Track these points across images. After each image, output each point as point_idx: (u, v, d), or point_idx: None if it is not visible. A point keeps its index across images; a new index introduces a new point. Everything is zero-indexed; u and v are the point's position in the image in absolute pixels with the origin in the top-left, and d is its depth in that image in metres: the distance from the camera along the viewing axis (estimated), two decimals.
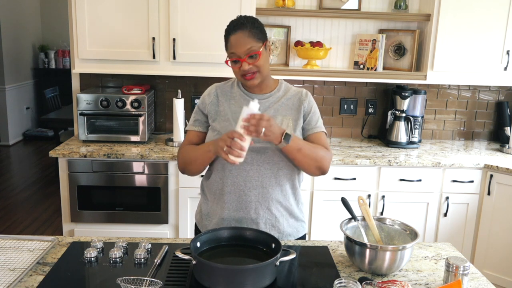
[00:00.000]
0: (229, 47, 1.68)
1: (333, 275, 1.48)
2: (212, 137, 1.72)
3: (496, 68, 3.12)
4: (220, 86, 1.83)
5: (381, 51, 3.15)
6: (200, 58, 2.96)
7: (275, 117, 1.71)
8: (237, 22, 1.68)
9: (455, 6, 3.01)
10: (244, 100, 1.75)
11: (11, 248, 1.59)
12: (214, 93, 1.80)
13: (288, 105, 1.75)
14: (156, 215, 2.92)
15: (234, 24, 1.68)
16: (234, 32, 1.66)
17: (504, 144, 3.33)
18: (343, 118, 3.50)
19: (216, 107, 1.77)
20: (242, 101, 1.75)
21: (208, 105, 1.78)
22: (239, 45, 1.64)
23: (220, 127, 1.72)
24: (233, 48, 1.66)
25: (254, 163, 1.68)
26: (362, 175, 2.94)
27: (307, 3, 3.25)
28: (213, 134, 1.73)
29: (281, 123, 1.71)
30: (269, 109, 1.73)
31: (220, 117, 1.74)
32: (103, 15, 2.89)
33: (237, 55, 1.65)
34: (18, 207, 4.57)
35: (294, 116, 1.74)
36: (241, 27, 1.66)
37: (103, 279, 1.42)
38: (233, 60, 1.68)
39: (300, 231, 1.82)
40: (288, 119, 1.72)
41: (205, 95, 1.82)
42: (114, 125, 3.08)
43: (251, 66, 1.65)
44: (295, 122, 1.73)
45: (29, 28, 7.29)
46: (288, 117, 1.73)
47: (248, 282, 1.33)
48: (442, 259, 1.65)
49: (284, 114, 1.73)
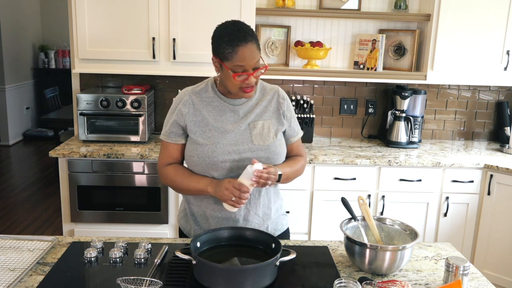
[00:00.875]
0: (236, 59, 1.55)
1: (333, 275, 1.48)
2: (194, 150, 1.67)
3: (496, 68, 3.12)
4: (193, 92, 1.72)
5: (381, 51, 3.15)
6: (200, 58, 2.96)
7: (256, 122, 1.69)
8: (243, 31, 1.56)
9: (455, 6, 3.01)
10: (223, 107, 1.68)
11: (11, 248, 1.59)
12: (189, 101, 1.70)
13: (268, 108, 1.73)
14: (156, 215, 2.92)
15: (242, 33, 1.55)
16: (244, 43, 1.54)
17: (504, 144, 3.33)
18: (343, 118, 3.50)
19: (194, 117, 1.69)
20: (221, 108, 1.69)
21: (185, 116, 1.69)
22: (250, 57, 1.55)
23: (203, 139, 1.66)
24: (243, 61, 1.54)
25: (240, 172, 1.64)
26: (362, 175, 2.94)
27: (307, 3, 3.25)
28: (195, 147, 1.67)
29: (262, 128, 1.69)
30: (250, 114, 1.70)
31: (200, 128, 1.68)
32: (103, 15, 2.89)
33: (244, 68, 1.56)
34: (18, 207, 4.57)
35: (274, 120, 1.72)
36: (249, 39, 1.55)
37: (103, 279, 1.42)
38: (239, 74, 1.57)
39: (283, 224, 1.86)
40: (268, 123, 1.71)
41: (180, 105, 1.70)
42: (114, 125, 3.08)
43: (255, 79, 1.60)
44: (275, 126, 1.72)
45: (29, 28, 7.29)
46: (268, 121, 1.71)
47: (248, 282, 1.33)
48: (442, 259, 1.65)
49: (264, 119, 1.71)
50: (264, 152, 1.68)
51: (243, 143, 1.67)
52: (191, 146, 1.70)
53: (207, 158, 1.65)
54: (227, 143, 1.66)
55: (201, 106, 1.70)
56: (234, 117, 1.69)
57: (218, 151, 1.65)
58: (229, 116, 1.69)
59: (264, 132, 1.69)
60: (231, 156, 1.65)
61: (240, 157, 1.66)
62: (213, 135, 1.67)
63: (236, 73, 1.57)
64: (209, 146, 1.65)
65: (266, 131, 1.69)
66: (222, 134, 1.67)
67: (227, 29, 1.58)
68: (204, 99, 1.71)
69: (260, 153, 1.67)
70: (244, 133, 1.68)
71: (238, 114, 1.69)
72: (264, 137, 1.68)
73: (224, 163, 1.65)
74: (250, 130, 1.68)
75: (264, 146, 1.68)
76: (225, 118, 1.69)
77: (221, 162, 1.64)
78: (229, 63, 1.57)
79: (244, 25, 1.60)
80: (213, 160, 1.65)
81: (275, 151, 1.69)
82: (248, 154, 1.66)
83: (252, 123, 1.69)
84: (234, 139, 1.67)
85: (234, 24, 1.59)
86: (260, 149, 1.67)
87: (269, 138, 1.69)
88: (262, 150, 1.67)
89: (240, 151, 1.66)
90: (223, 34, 1.58)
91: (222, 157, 1.65)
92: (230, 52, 1.55)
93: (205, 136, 1.67)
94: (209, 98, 1.71)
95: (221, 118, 1.69)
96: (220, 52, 1.58)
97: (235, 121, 1.69)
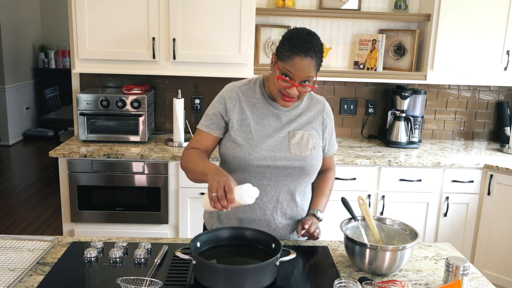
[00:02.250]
0: (289, 64, 1.53)
1: (333, 275, 1.48)
2: (231, 149, 1.66)
3: (496, 68, 3.12)
4: (241, 88, 1.71)
5: (381, 51, 3.15)
6: (200, 58, 2.96)
7: (297, 131, 1.68)
8: (310, 45, 1.53)
9: (455, 6, 3.01)
10: (267, 110, 1.69)
11: (11, 248, 1.59)
12: (236, 98, 1.69)
13: (312, 120, 1.72)
14: (156, 215, 2.92)
15: (306, 47, 1.53)
16: (303, 55, 1.52)
17: (504, 144, 3.33)
18: (343, 118, 3.50)
19: (238, 115, 1.68)
20: (265, 111, 1.69)
21: (230, 112, 1.68)
22: (302, 71, 1.53)
23: (242, 140, 1.66)
24: (294, 70, 1.53)
25: (273, 178, 1.67)
26: (362, 175, 2.94)
27: (307, 3, 3.25)
28: (233, 146, 1.67)
29: (302, 138, 1.68)
30: (292, 123, 1.69)
31: (241, 127, 1.68)
32: (103, 15, 2.89)
33: (292, 77, 1.55)
34: (18, 207, 4.57)
35: (315, 133, 1.72)
36: (311, 54, 1.53)
37: (103, 279, 1.42)
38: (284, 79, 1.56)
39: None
40: (308, 134, 1.70)
41: (226, 98, 1.70)
42: (114, 125, 3.08)
43: (297, 92, 1.58)
44: (315, 140, 1.71)
45: (29, 28, 7.29)
46: (308, 132, 1.70)
47: (248, 282, 1.33)
48: (442, 259, 1.65)
49: (305, 130, 1.70)
50: (299, 163, 1.66)
51: (280, 151, 1.65)
52: (229, 143, 1.68)
53: (242, 160, 1.65)
54: (265, 148, 1.65)
55: (246, 104, 1.69)
56: (276, 123, 1.68)
57: (254, 155, 1.64)
58: (271, 121, 1.68)
59: (302, 143, 1.68)
60: (266, 161, 1.64)
61: (275, 164, 1.65)
62: (253, 137, 1.66)
63: (281, 76, 1.56)
64: (246, 148, 1.65)
65: (305, 142, 1.68)
66: (261, 139, 1.66)
67: (298, 35, 1.56)
68: (250, 99, 1.70)
69: (295, 163, 1.66)
70: (282, 141, 1.67)
71: (280, 120, 1.69)
72: (302, 148, 1.67)
73: (258, 167, 1.64)
74: (289, 138, 1.67)
75: (300, 157, 1.66)
76: (267, 122, 1.68)
77: (255, 167, 1.64)
78: (281, 64, 1.56)
79: (317, 40, 1.57)
80: (248, 163, 1.64)
81: (310, 164, 1.68)
82: (284, 162, 1.65)
83: (292, 131, 1.68)
84: (272, 145, 1.66)
85: (308, 35, 1.56)
86: (296, 159, 1.66)
87: (307, 149, 1.67)
88: (298, 160, 1.66)
89: (276, 158, 1.65)
90: (293, 37, 1.56)
91: (257, 161, 1.64)
92: (288, 55, 1.54)
93: (245, 137, 1.66)
94: (255, 99, 1.70)
95: (263, 121, 1.68)
96: (280, 50, 1.57)
97: (276, 127, 1.68)
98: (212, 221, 1.80)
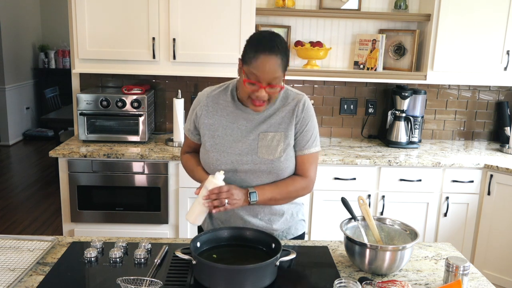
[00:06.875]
0: (254, 66, 1.49)
1: (333, 275, 1.48)
2: (202, 155, 1.70)
3: (496, 68, 3.12)
4: (211, 95, 1.69)
5: (381, 51, 3.15)
6: (200, 58, 2.96)
7: (267, 133, 1.63)
8: (272, 44, 1.49)
9: (455, 6, 3.01)
10: (237, 113, 1.65)
11: (11, 248, 1.59)
12: (204, 104, 1.68)
13: (284, 119, 1.64)
14: (156, 215, 2.92)
15: (269, 45, 1.49)
16: (267, 54, 1.47)
17: (504, 144, 3.33)
18: (343, 118, 3.50)
19: (207, 120, 1.67)
20: (235, 115, 1.65)
21: (199, 118, 1.69)
22: (267, 71, 1.48)
23: (210, 146, 1.66)
24: (259, 71, 1.48)
25: (242, 181, 1.65)
26: (362, 175, 2.94)
27: (307, 3, 3.25)
28: (203, 152, 1.69)
29: (272, 140, 1.62)
30: (263, 124, 1.64)
31: (210, 132, 1.66)
32: (103, 15, 2.89)
33: (258, 78, 1.50)
34: (18, 207, 4.57)
35: (288, 133, 1.64)
36: (275, 52, 1.48)
37: (103, 279, 1.42)
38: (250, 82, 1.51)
39: (298, 229, 1.82)
40: (280, 136, 1.63)
41: (196, 105, 1.71)
42: (114, 125, 3.08)
43: (266, 94, 1.52)
44: (288, 140, 1.64)
45: (29, 28, 7.29)
46: (280, 134, 1.63)
47: (248, 282, 1.33)
48: (442, 259, 1.65)
49: (276, 130, 1.63)
50: (266, 166, 1.61)
51: (247, 154, 1.62)
52: (202, 149, 1.71)
53: (211, 165, 1.65)
54: (232, 152, 1.63)
55: (215, 110, 1.67)
56: (246, 126, 1.64)
57: (222, 160, 1.63)
58: (241, 124, 1.64)
59: (272, 145, 1.62)
60: (233, 166, 1.63)
61: (242, 168, 1.62)
62: (220, 142, 1.64)
63: (248, 79, 1.51)
64: (214, 154, 1.64)
65: (274, 144, 1.62)
66: (229, 143, 1.64)
67: (260, 35, 1.55)
68: (221, 102, 1.67)
69: (262, 167, 1.62)
70: (251, 143, 1.63)
71: (251, 123, 1.64)
72: (270, 151, 1.61)
73: (227, 172, 1.61)
74: (258, 140, 1.62)
75: (268, 160, 1.61)
76: (236, 126, 1.65)
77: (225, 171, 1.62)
78: (247, 68, 1.51)
79: (280, 39, 1.53)
80: (216, 168, 1.63)
81: (278, 167, 1.62)
82: (251, 166, 1.62)
83: (263, 133, 1.63)
84: (240, 149, 1.63)
85: (271, 35, 1.54)
86: (263, 163, 1.61)
87: (276, 152, 1.61)
88: (265, 164, 1.61)
89: (243, 162, 1.62)
90: (255, 38, 1.54)
91: (225, 166, 1.63)
92: (252, 56, 1.49)
93: (213, 143, 1.66)
94: (226, 103, 1.66)
95: (232, 125, 1.65)
96: (244, 54, 1.54)
97: (247, 130, 1.64)
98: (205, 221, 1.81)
